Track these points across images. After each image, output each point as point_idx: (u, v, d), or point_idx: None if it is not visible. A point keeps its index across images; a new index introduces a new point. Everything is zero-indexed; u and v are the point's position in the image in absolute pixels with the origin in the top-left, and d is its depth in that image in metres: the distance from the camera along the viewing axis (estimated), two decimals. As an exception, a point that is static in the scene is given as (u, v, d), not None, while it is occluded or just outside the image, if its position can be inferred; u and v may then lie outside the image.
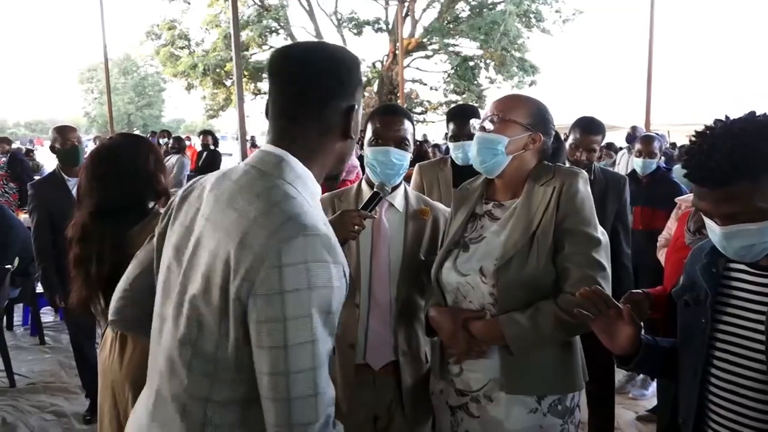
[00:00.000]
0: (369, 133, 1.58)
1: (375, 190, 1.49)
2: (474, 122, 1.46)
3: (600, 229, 1.35)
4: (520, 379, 1.31)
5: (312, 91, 0.92)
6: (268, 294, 0.79)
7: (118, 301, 1.16)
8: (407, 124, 1.57)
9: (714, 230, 1.02)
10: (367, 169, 1.61)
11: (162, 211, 1.56)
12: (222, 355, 0.85)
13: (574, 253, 1.28)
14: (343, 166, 1.00)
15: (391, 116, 1.58)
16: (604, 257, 1.31)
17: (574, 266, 1.28)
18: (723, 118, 1.00)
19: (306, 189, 0.91)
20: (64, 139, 2.84)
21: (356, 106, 0.96)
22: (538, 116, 1.38)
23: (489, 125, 1.37)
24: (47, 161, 8.47)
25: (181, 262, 0.91)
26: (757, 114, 0.99)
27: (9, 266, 3.38)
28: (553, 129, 1.43)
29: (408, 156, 1.57)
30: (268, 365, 0.80)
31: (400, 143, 1.54)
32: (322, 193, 1.05)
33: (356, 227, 1.40)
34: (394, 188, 1.59)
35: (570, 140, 2.31)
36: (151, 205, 1.68)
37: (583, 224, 1.31)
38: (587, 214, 1.33)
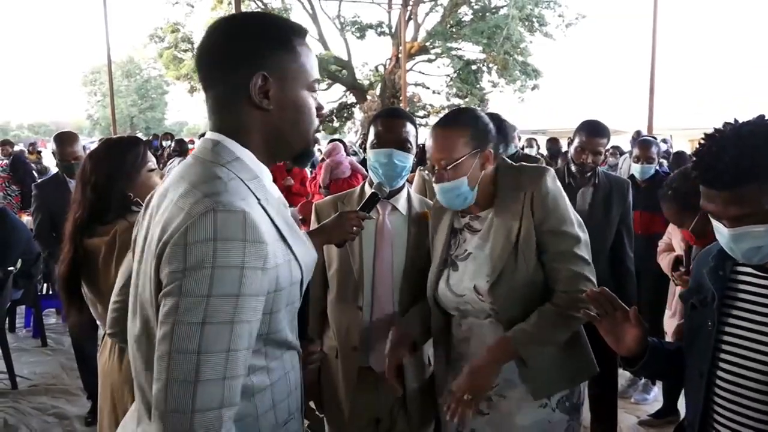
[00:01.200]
0: (371, 136, 1.59)
1: (373, 190, 1.50)
2: (423, 174, 1.45)
3: (576, 220, 1.38)
4: (544, 382, 1.35)
5: (204, 70, 0.89)
6: (171, 272, 0.75)
7: (111, 313, 1.14)
8: (409, 126, 1.58)
9: (722, 232, 1.02)
10: (369, 172, 1.62)
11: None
12: None
13: (558, 253, 1.33)
14: (290, 143, 0.92)
15: (393, 119, 1.59)
16: (585, 251, 1.36)
17: (561, 265, 1.33)
18: (732, 121, 1.00)
19: (245, 169, 0.87)
20: (62, 154, 2.83)
21: (266, 75, 0.86)
22: (475, 134, 1.34)
23: (443, 175, 1.34)
24: (53, 163, 8.50)
25: (138, 264, 0.90)
26: (766, 118, 0.99)
27: (11, 268, 3.39)
28: (490, 125, 1.39)
29: (410, 158, 1.57)
30: (158, 341, 0.76)
31: (402, 145, 1.55)
32: (331, 193, 1.03)
33: (355, 228, 1.40)
34: (397, 191, 1.60)
35: (575, 143, 2.32)
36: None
37: (561, 223, 1.34)
38: (562, 213, 1.35)
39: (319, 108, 0.95)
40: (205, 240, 0.74)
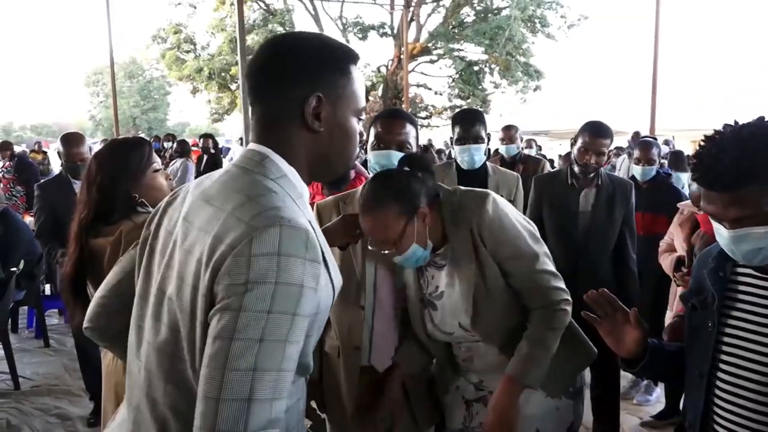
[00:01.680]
0: (371, 137, 1.59)
1: None
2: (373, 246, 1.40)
3: (528, 232, 1.35)
4: (555, 382, 1.38)
5: (258, 84, 0.88)
6: (231, 284, 0.73)
7: (94, 309, 1.11)
8: (409, 127, 1.58)
9: (722, 233, 1.02)
10: (370, 173, 1.62)
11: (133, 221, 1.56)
12: (198, 365, 0.76)
13: (520, 275, 1.34)
14: (333, 167, 0.93)
15: (393, 120, 1.59)
16: (546, 262, 1.36)
17: (527, 284, 1.35)
18: (732, 123, 1.00)
19: (292, 188, 0.86)
20: (68, 155, 2.84)
21: (321, 96, 0.86)
22: (403, 203, 1.29)
23: (392, 252, 1.33)
24: (58, 163, 8.51)
25: (161, 266, 0.87)
26: (766, 119, 0.99)
27: (14, 269, 3.40)
28: (413, 183, 1.31)
29: None
30: (209, 357, 0.72)
31: (402, 146, 1.55)
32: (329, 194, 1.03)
33: (357, 231, 1.40)
34: None
35: (579, 144, 2.32)
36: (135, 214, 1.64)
37: (514, 247, 1.33)
38: (512, 235, 1.33)
39: (360, 135, 0.95)
40: (270, 254, 0.73)
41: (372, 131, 1.59)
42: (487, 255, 1.32)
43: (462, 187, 1.43)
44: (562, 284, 1.36)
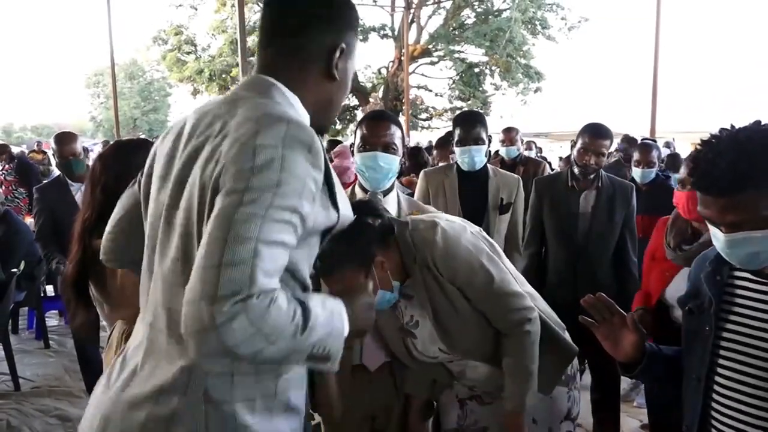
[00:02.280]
0: (357, 139, 1.60)
1: (368, 198, 1.52)
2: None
3: (485, 252, 1.35)
4: (545, 382, 1.39)
5: (287, 16, 0.90)
6: (238, 170, 0.75)
7: (107, 242, 1.16)
8: (394, 128, 1.59)
9: (718, 238, 1.02)
10: (357, 175, 1.63)
11: None
12: None
13: (479, 299, 1.34)
14: (329, 115, 0.97)
15: (377, 121, 1.60)
16: (503, 282, 1.34)
17: (488, 308, 1.35)
18: (729, 127, 1.01)
19: (296, 112, 0.87)
20: (60, 152, 2.86)
21: (344, 48, 0.91)
22: (358, 256, 1.28)
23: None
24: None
25: (167, 185, 0.88)
26: (763, 123, 1.00)
27: (15, 270, 3.41)
28: (366, 233, 1.31)
29: (396, 160, 1.58)
30: (210, 228, 0.73)
31: (387, 148, 1.56)
32: None
33: None
34: (386, 192, 1.61)
35: (578, 145, 2.32)
36: None
37: (470, 272, 1.33)
38: (465, 260, 1.32)
39: None
40: (275, 145, 0.75)
41: (358, 133, 1.61)
42: (445, 283, 1.33)
43: (412, 217, 1.43)
44: (522, 302, 1.35)
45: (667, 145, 8.53)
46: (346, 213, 0.91)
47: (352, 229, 1.29)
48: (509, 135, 3.72)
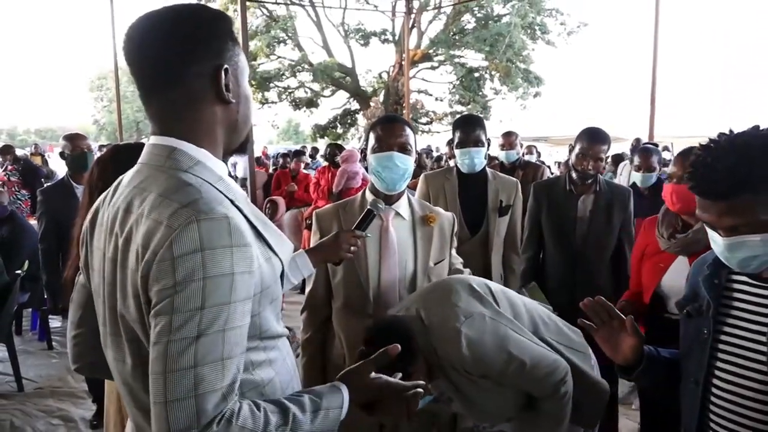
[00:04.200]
0: (372, 141, 1.61)
1: (368, 208, 1.51)
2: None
3: (502, 339, 1.33)
4: (586, 419, 1.46)
5: (153, 66, 0.82)
6: (161, 289, 0.73)
7: (73, 348, 1.10)
8: (408, 130, 1.61)
9: (717, 241, 1.03)
10: (371, 177, 1.64)
11: None
12: None
13: (515, 382, 1.35)
14: (240, 134, 0.92)
15: (392, 123, 1.62)
16: (535, 360, 1.33)
17: (524, 384, 1.36)
18: (727, 132, 1.02)
19: (209, 173, 0.83)
20: (74, 145, 2.90)
21: (225, 64, 0.83)
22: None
23: None
24: (59, 168, 8.53)
25: (103, 284, 0.86)
26: (761, 128, 1.00)
27: (19, 271, 3.42)
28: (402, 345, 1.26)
29: (411, 160, 1.60)
30: (151, 362, 0.73)
31: (403, 148, 1.57)
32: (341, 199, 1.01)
33: (352, 248, 1.42)
34: (398, 196, 1.62)
35: (576, 150, 2.34)
36: None
37: (502, 368, 1.32)
38: (493, 361, 1.31)
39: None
40: (192, 251, 0.72)
41: (372, 136, 1.62)
42: (478, 378, 1.33)
43: (428, 310, 1.38)
44: (555, 367, 1.35)
45: (666, 149, 8.53)
46: (285, 253, 0.89)
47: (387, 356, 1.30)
48: (509, 139, 3.74)
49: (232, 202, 0.81)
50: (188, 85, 0.83)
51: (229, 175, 0.91)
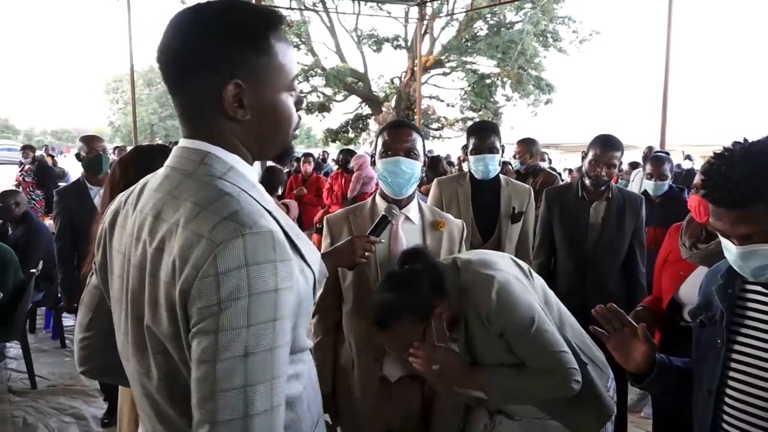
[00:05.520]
0: (379, 147, 1.62)
1: (383, 213, 1.52)
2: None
3: (529, 318, 1.33)
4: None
5: (175, 64, 0.78)
6: (204, 306, 0.69)
7: (80, 351, 1.07)
8: (415, 135, 1.62)
9: (730, 250, 1.03)
10: (379, 182, 1.65)
11: None
12: None
13: (527, 357, 1.33)
14: (266, 148, 0.84)
15: (399, 128, 1.63)
16: (546, 338, 1.33)
17: (532, 362, 1.33)
18: (741, 140, 1.01)
19: (243, 180, 0.79)
20: (90, 147, 2.95)
21: (234, 79, 0.76)
22: (418, 308, 1.29)
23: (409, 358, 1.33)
24: (73, 169, 8.67)
25: (127, 292, 0.81)
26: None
27: (34, 270, 3.48)
28: (423, 286, 1.31)
29: (418, 165, 1.60)
30: (197, 382, 0.69)
31: (409, 153, 1.58)
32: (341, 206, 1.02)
33: (366, 253, 1.43)
34: (408, 200, 1.63)
35: (589, 157, 2.34)
36: None
37: (519, 326, 1.32)
38: (519, 321, 1.31)
39: (299, 102, 0.85)
40: (238, 267, 0.69)
41: (380, 141, 1.63)
42: (497, 338, 1.33)
43: (466, 260, 1.40)
44: (568, 362, 1.33)
45: (689, 158, 8.39)
46: (317, 263, 0.86)
47: (410, 278, 1.30)
48: (528, 148, 3.74)
49: (269, 212, 0.77)
50: (195, 93, 0.78)
51: None
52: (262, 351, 0.69)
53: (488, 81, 18.28)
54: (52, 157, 10.10)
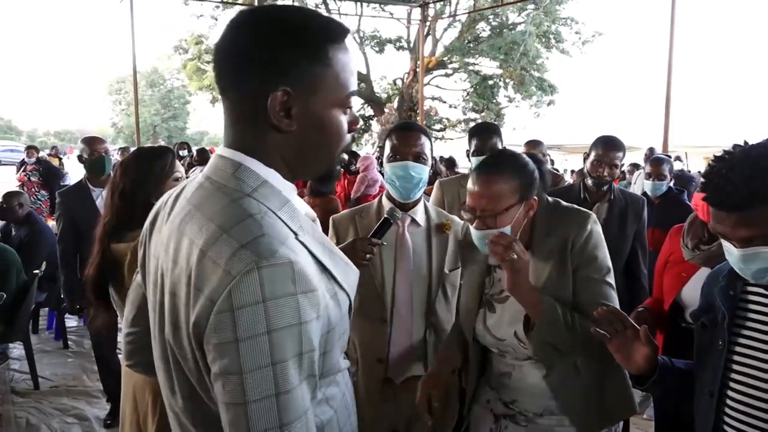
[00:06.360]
0: (387, 150, 1.62)
1: (385, 216, 1.52)
2: (464, 214, 1.33)
3: (607, 266, 1.33)
4: (582, 415, 1.33)
5: (227, 66, 0.74)
6: (221, 343, 0.66)
7: (127, 345, 1.08)
8: (424, 139, 1.61)
9: (732, 252, 1.03)
10: (386, 185, 1.65)
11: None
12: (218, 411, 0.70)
13: (589, 303, 1.27)
14: (308, 165, 0.80)
15: (408, 132, 1.62)
16: (609, 293, 1.32)
17: (587, 309, 1.26)
18: (742, 143, 1.01)
19: (274, 195, 0.74)
20: (92, 149, 2.96)
21: (290, 90, 0.72)
22: (524, 183, 1.27)
23: (485, 222, 1.26)
24: (74, 170, 8.70)
25: (156, 303, 0.79)
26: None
27: (37, 271, 3.49)
28: (536, 171, 1.31)
29: (426, 169, 1.60)
30: (229, 425, 0.67)
31: (418, 157, 1.58)
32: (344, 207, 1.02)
33: (368, 255, 1.43)
34: (415, 203, 1.63)
35: (592, 157, 2.35)
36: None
37: (598, 271, 1.30)
38: (601, 261, 1.31)
39: (353, 123, 0.81)
40: (254, 303, 0.65)
41: (388, 144, 1.63)
42: (568, 270, 1.29)
43: (565, 203, 1.40)
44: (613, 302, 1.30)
45: (679, 159, 8.39)
46: (352, 284, 0.81)
47: (534, 161, 1.32)
48: (531, 149, 3.73)
49: (296, 235, 0.72)
50: (242, 96, 0.74)
51: None
52: (293, 388, 0.67)
53: (491, 82, 18.30)
54: (59, 158, 10.13)
